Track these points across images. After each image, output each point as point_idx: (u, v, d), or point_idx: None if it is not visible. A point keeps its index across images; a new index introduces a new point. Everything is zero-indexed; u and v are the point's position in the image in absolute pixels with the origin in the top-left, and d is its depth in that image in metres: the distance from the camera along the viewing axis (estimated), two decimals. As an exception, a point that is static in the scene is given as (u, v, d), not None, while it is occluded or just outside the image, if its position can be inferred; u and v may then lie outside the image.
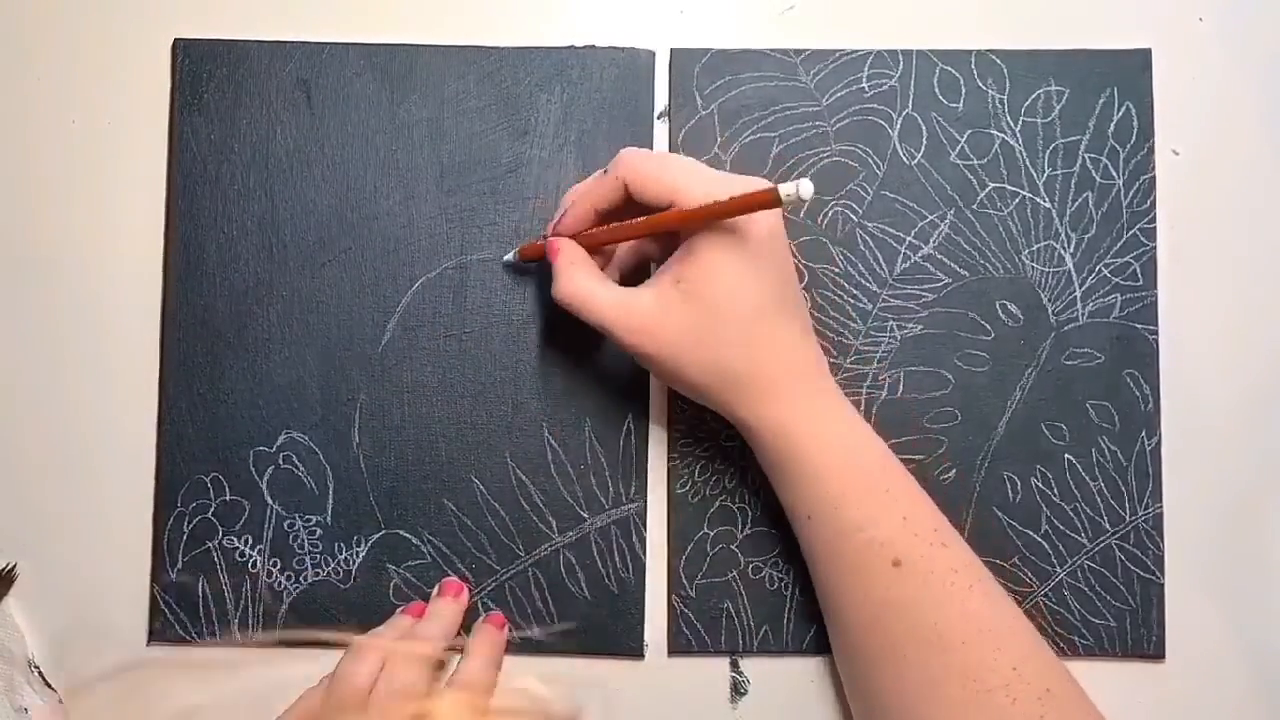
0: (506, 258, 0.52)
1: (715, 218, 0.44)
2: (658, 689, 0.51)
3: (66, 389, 0.52)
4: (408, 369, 0.52)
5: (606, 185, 0.46)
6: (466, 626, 0.51)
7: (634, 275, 0.50)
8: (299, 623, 0.51)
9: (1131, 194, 0.53)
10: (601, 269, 0.48)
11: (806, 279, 0.52)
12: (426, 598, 0.51)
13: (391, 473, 0.52)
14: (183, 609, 0.51)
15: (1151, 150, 0.53)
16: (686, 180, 0.45)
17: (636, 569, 0.51)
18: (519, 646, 0.51)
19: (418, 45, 0.53)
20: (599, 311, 0.46)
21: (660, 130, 0.53)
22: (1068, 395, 0.52)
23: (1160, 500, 0.52)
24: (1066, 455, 0.52)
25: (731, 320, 0.45)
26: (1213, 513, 0.52)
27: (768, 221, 0.45)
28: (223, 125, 0.53)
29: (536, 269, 0.52)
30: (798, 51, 0.53)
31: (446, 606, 0.50)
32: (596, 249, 0.48)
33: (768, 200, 0.42)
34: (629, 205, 0.46)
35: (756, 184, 0.44)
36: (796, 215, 0.52)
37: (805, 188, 0.41)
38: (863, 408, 0.52)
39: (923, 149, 0.53)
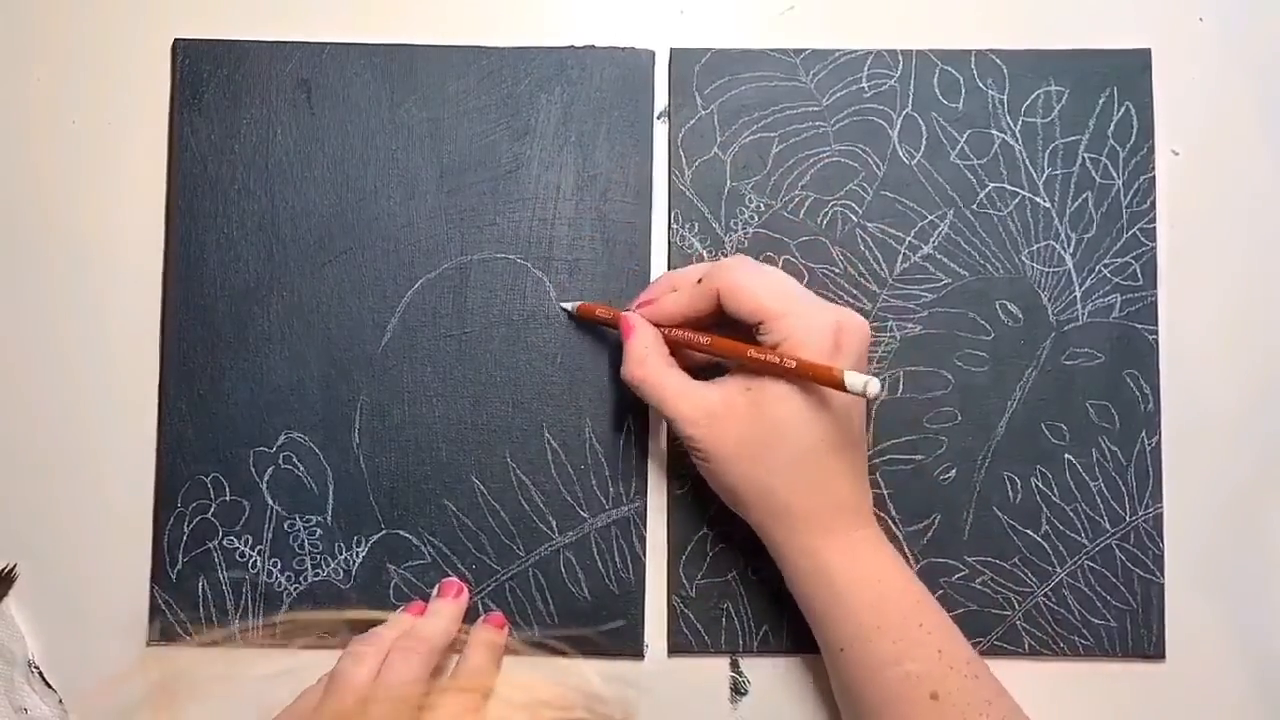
0: (565, 305, 0.52)
1: (781, 376, 0.44)
2: (658, 689, 0.51)
3: (66, 389, 0.52)
4: (408, 369, 0.52)
5: (700, 294, 0.46)
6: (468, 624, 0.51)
7: (701, 371, 0.49)
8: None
9: (1131, 194, 0.53)
10: (670, 353, 0.48)
11: (807, 279, 0.52)
12: (427, 598, 0.51)
13: (391, 473, 0.52)
14: (183, 609, 0.51)
15: (1151, 150, 0.53)
16: (782, 304, 0.45)
17: (636, 569, 0.51)
18: (518, 646, 0.51)
19: (418, 45, 0.53)
20: (665, 398, 0.46)
21: (660, 130, 0.53)
22: (1068, 395, 0.52)
23: (1160, 500, 0.52)
24: (1067, 455, 0.52)
25: (786, 449, 0.44)
26: (1213, 513, 0.52)
27: (845, 405, 0.45)
28: (223, 125, 0.53)
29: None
30: (798, 51, 0.53)
31: (446, 606, 0.50)
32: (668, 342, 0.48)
33: (832, 381, 0.42)
34: (720, 312, 0.46)
35: (838, 346, 0.44)
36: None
37: (872, 386, 0.41)
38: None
39: (923, 149, 0.53)
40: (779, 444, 0.44)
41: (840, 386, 0.42)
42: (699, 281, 0.47)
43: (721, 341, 0.46)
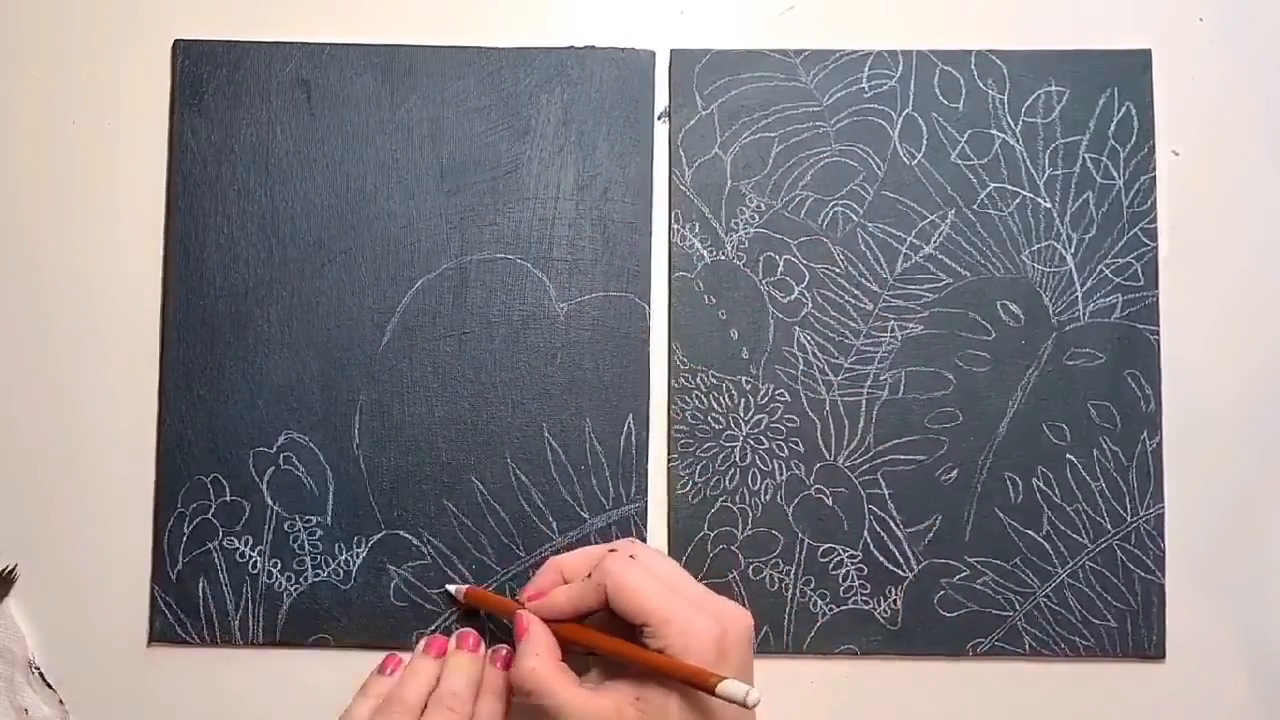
0: (450, 588, 0.51)
1: (666, 675, 0.43)
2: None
3: (66, 389, 0.52)
4: (408, 369, 0.52)
5: (589, 589, 0.46)
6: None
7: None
8: (299, 624, 0.51)
9: (1132, 194, 0.53)
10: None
11: (808, 278, 0.52)
12: (427, 599, 0.51)
13: (391, 473, 0.52)
14: (183, 609, 0.51)
15: (1152, 150, 0.53)
16: (666, 609, 0.44)
17: (637, 569, 0.51)
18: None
19: (418, 45, 0.53)
20: (558, 706, 0.44)
21: (660, 130, 0.53)
22: (1069, 395, 0.52)
23: (1161, 500, 0.52)
24: (1068, 455, 0.52)
25: None
26: (1213, 513, 0.52)
27: (734, 709, 0.43)
28: (223, 125, 0.53)
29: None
30: (798, 52, 0.53)
31: (465, 659, 0.49)
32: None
33: (708, 688, 0.42)
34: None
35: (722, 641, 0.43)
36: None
37: (753, 696, 0.41)
38: (863, 408, 0.52)
39: (923, 149, 0.53)
40: None
41: (712, 691, 0.41)
42: (589, 576, 0.46)
43: (609, 642, 0.45)
